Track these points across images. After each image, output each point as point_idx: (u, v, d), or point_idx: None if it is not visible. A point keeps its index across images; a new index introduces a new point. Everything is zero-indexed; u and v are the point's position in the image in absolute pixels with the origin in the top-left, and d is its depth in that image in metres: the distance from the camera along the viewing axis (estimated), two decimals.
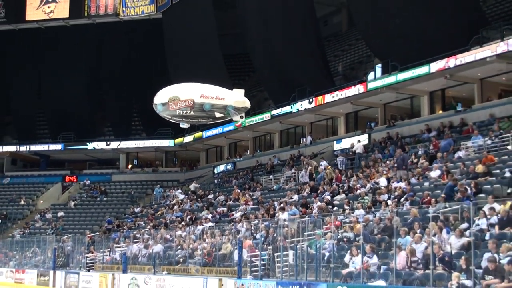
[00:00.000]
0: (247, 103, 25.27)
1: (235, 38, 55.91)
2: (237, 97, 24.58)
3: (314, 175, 34.43)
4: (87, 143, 59.81)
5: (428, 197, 22.52)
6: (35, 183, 62.11)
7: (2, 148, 61.82)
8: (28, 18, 61.10)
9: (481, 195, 21.10)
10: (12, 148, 62.40)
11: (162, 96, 24.46)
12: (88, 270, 36.13)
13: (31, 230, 52.40)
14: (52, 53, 61.37)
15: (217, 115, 24.62)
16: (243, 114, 25.93)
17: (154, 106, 24.85)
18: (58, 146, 60.94)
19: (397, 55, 36.28)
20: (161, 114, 24.88)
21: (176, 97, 23.85)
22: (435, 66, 32.83)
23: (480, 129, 29.34)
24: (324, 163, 35.91)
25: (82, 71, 61.40)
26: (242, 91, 25.41)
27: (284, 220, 25.46)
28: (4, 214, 56.87)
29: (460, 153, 27.65)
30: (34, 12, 60.93)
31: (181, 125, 27.14)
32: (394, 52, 36.98)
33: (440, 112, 36.40)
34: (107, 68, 61.57)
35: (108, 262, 35.87)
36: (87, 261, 37.48)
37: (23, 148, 61.95)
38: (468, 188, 21.61)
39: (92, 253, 38.05)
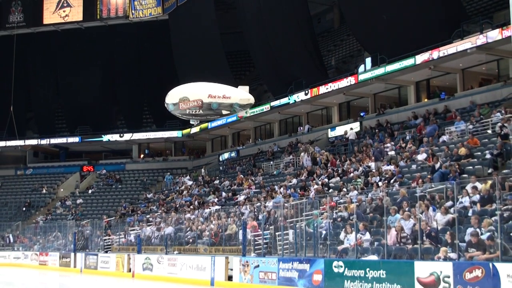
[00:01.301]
0: (251, 100, 25.19)
1: (236, 36, 55.76)
2: (242, 95, 24.49)
3: (317, 159, 34.33)
4: (102, 136, 59.83)
5: (420, 179, 22.54)
6: (55, 173, 62.22)
7: (24, 142, 61.79)
8: (45, 22, 61.00)
9: (464, 175, 21.14)
10: (33, 142, 62.39)
11: (172, 97, 24.37)
12: (106, 252, 36.27)
13: (53, 216, 52.52)
14: (68, 54, 61.35)
15: (224, 112, 24.60)
16: (248, 110, 25.85)
17: (165, 105, 24.79)
18: (76, 139, 60.96)
19: (385, 48, 36.19)
20: (172, 113, 24.83)
21: (185, 97, 23.78)
22: (420, 58, 32.78)
23: (463, 115, 29.38)
24: (317, 148, 36.21)
25: (96, 69, 61.35)
26: (246, 88, 25.31)
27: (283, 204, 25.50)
28: (28, 202, 57.00)
29: (444, 138, 27.66)
30: (50, 16, 60.83)
31: (191, 122, 27.10)
32: (382, 46, 36.89)
33: (426, 100, 36.43)
34: (119, 67, 61.50)
35: (124, 244, 35.96)
36: (105, 244, 37.60)
37: (44, 141, 61.97)
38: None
39: (109, 236, 38.15)
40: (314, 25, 50.50)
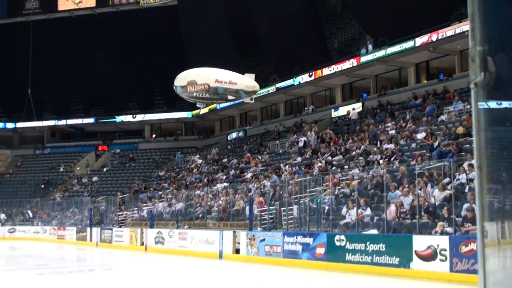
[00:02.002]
0: (257, 87, 25.12)
1: (243, 20, 55.54)
2: (248, 82, 24.43)
3: (325, 137, 34.25)
4: (116, 117, 59.97)
5: (419, 157, 22.50)
6: (72, 153, 62.41)
7: (42, 123, 62.05)
8: (60, 8, 60.97)
9: (461, 153, 21.08)
10: (51, 123, 62.62)
11: (181, 79, 24.34)
12: (120, 226, 36.45)
13: (70, 193, 52.78)
14: (82, 39, 61.31)
15: (230, 97, 24.54)
16: (253, 96, 25.76)
17: (174, 87, 24.74)
18: (91, 120, 61.20)
19: (386, 31, 36.03)
20: (180, 95, 24.79)
21: (193, 81, 23.74)
22: (420, 40, 32.68)
23: (460, 96, 29.21)
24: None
25: (109, 53, 61.33)
26: (252, 75, 25.24)
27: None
28: (46, 180, 57.26)
29: (443, 117, 27.56)
30: (65, 2, 60.80)
31: (198, 105, 27.07)
32: (383, 29, 36.73)
33: (425, 81, 36.28)
34: (131, 51, 61.37)
35: (137, 219, 36.12)
36: (119, 219, 37.78)
37: (61, 122, 62.23)
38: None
39: (123, 211, 38.31)
40: (318, 9, 50.29)
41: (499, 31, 2.31)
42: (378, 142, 27.85)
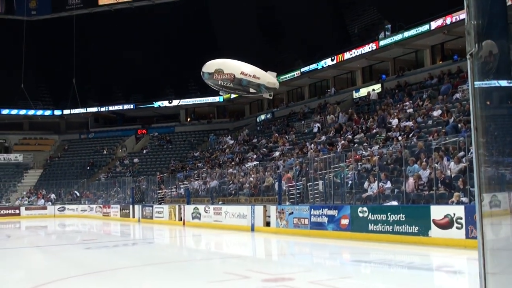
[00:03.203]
0: (277, 85, 25.04)
1: (269, 9, 55.27)
2: (269, 79, 24.31)
3: (355, 115, 34.06)
4: (154, 102, 60.34)
5: (436, 133, 22.35)
6: (114, 136, 63.03)
7: (86, 110, 62.65)
8: (100, 2, 61.19)
9: None
10: (94, 109, 63.26)
11: (209, 67, 24.31)
12: (160, 203, 36.78)
13: (113, 174, 53.37)
14: (120, 31, 61.44)
15: (251, 90, 24.46)
16: (272, 93, 25.71)
17: (201, 73, 24.75)
18: (131, 106, 61.68)
19: (403, 16, 35.67)
20: (206, 81, 24.81)
21: (220, 69, 23.69)
22: (435, 24, 32.33)
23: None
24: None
25: (146, 43, 61.49)
26: (274, 73, 25.11)
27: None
28: (91, 162, 57.97)
29: (457, 95, 27.29)
30: None
31: (220, 93, 27.08)
32: (400, 14, 36.40)
33: (440, 62, 35.85)
34: (167, 41, 61.49)
35: (175, 196, 36.43)
36: (158, 196, 38.14)
37: (103, 109, 62.86)
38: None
39: (162, 190, 38.63)
40: None
41: (489, 7, 2.34)
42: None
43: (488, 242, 2.61)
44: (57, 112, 63.76)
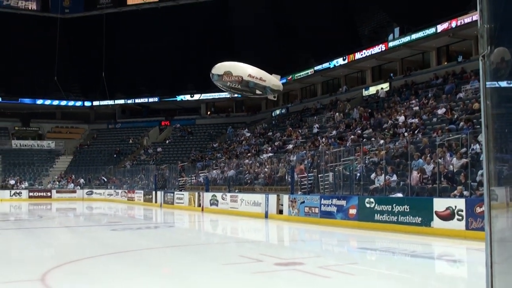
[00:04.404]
0: (281, 87, 24.93)
1: (284, 11, 55.12)
2: (274, 81, 24.18)
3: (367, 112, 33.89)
4: (177, 96, 60.44)
5: (440, 130, 22.19)
6: (139, 127, 63.26)
7: (114, 102, 63.00)
8: (128, 2, 61.39)
9: (477, 126, 20.70)
10: (121, 102, 63.53)
11: (218, 69, 24.17)
12: (180, 190, 36.86)
13: (138, 162, 53.58)
14: (146, 28, 61.70)
15: (257, 92, 24.34)
16: (276, 95, 25.58)
17: (211, 75, 24.60)
18: (155, 99, 61.84)
19: (411, 20, 35.49)
20: (215, 82, 24.66)
21: (229, 72, 23.56)
22: (441, 27, 32.16)
23: (477, 75, 28.51)
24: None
25: (170, 41, 61.55)
26: (278, 76, 24.95)
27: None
28: (118, 150, 58.26)
29: (461, 95, 27.06)
30: None
31: (228, 94, 26.99)
32: (408, 18, 36.20)
33: (445, 63, 35.59)
34: (189, 39, 61.56)
35: (195, 184, 36.49)
36: (179, 184, 38.21)
37: (130, 101, 63.10)
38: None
39: (183, 177, 38.72)
40: (350, 1, 49.73)
41: (503, 11, 2.29)
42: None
43: (495, 233, 2.57)
44: (87, 103, 64.11)
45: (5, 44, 60.57)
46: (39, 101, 62.25)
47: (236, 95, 45.83)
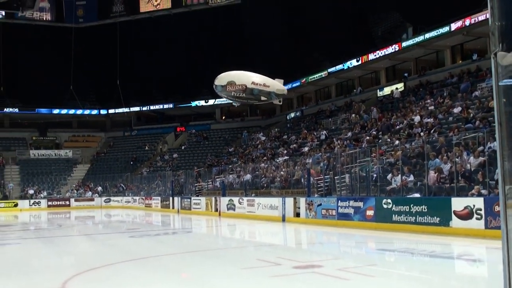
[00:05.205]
0: (285, 91, 24.94)
1: (297, 13, 55.08)
2: (278, 86, 24.16)
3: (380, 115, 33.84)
4: (191, 102, 60.63)
5: (456, 129, 22.06)
6: (155, 134, 63.51)
7: (129, 109, 63.36)
8: (141, 10, 61.73)
9: (493, 124, 20.51)
10: (136, 109, 63.87)
11: (221, 80, 24.18)
12: (197, 195, 36.96)
13: (154, 168, 53.79)
14: (160, 36, 62.01)
15: (262, 98, 24.34)
16: (281, 99, 25.57)
17: (214, 86, 24.55)
18: (170, 105, 62.08)
19: (424, 19, 35.32)
20: (219, 93, 24.62)
21: (232, 81, 23.58)
22: (455, 25, 31.95)
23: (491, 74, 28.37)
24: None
25: (184, 48, 61.84)
26: (281, 80, 24.95)
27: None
28: (134, 157, 58.53)
29: (476, 93, 26.86)
30: (145, 5, 61.44)
31: (233, 103, 27.00)
32: (421, 17, 36.04)
33: (460, 61, 35.36)
34: (202, 45, 61.74)
35: (211, 189, 36.56)
36: (196, 189, 38.30)
37: (145, 108, 63.42)
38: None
39: (199, 183, 38.81)
40: (363, 2, 49.62)
41: None
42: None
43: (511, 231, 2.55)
44: (103, 112, 64.53)
45: (20, 55, 61.25)
46: (56, 111, 62.81)
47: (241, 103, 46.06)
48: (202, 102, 60.03)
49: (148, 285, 9.40)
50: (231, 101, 26.10)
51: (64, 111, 63.17)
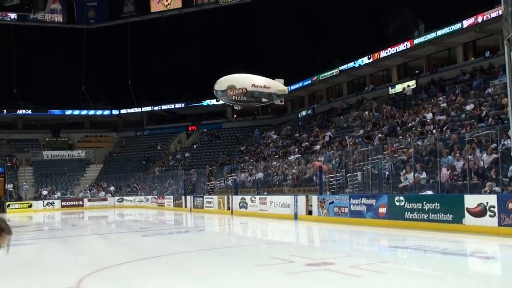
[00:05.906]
0: (286, 91, 24.88)
1: (309, 12, 55.06)
2: (279, 86, 24.08)
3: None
4: (203, 101, 60.67)
5: (469, 126, 21.99)
6: (166, 133, 63.67)
7: (141, 109, 63.55)
8: (152, 10, 61.85)
9: (506, 122, 20.45)
10: (148, 109, 64.08)
11: (221, 84, 24.10)
12: (209, 194, 37.03)
13: (166, 168, 53.94)
14: (171, 36, 62.25)
15: (264, 100, 24.29)
16: (283, 99, 25.55)
17: (214, 91, 24.45)
18: (182, 105, 62.19)
19: (436, 16, 35.20)
20: (220, 98, 24.59)
21: (232, 85, 23.53)
22: (467, 22, 31.78)
23: (505, 70, 28.20)
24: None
25: (195, 48, 62.02)
26: (282, 80, 24.88)
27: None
28: (147, 157, 58.72)
29: (489, 90, 26.75)
30: (156, 5, 61.51)
31: (235, 107, 26.95)
32: (433, 14, 35.90)
33: (472, 59, 35.16)
34: (213, 44, 61.91)
35: (223, 188, 36.66)
36: (208, 188, 38.42)
37: (156, 108, 63.60)
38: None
39: (211, 181, 38.92)
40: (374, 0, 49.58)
41: None
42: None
43: None
44: (115, 112, 64.79)
45: (32, 57, 61.71)
46: (68, 112, 63.20)
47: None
48: (214, 101, 59.91)
49: (162, 283, 9.49)
50: (232, 105, 26.06)
51: (76, 112, 63.53)
